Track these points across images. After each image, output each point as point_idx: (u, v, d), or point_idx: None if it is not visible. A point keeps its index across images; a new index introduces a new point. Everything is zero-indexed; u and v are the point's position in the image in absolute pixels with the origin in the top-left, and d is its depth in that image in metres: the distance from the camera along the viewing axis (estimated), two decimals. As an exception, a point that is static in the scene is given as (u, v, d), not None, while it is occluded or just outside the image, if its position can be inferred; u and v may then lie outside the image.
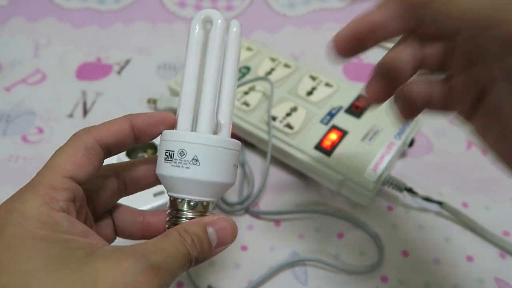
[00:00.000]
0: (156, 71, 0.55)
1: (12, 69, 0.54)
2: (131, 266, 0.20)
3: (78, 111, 0.50)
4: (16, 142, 0.46)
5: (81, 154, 0.23)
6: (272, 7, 0.65)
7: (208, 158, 0.25)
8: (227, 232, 0.25)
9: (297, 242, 0.39)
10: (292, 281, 0.37)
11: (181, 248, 0.22)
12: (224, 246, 0.25)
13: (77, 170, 0.23)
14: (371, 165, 0.39)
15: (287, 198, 0.42)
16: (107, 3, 0.64)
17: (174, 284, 0.36)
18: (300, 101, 0.45)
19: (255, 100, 0.45)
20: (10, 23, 0.60)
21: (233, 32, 0.27)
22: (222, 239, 0.25)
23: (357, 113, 0.43)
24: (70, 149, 0.23)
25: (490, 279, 0.36)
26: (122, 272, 0.20)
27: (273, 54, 0.50)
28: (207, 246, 0.24)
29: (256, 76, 0.47)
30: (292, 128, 0.42)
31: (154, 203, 0.38)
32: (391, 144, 0.41)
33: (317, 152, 0.40)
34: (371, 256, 0.38)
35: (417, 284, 0.36)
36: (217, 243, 0.25)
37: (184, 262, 0.22)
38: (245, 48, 0.51)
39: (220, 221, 0.25)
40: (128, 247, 0.21)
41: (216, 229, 0.24)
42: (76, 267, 0.20)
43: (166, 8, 0.64)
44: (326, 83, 0.47)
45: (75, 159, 0.23)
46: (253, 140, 0.44)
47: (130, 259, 0.20)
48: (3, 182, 0.42)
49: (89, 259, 0.20)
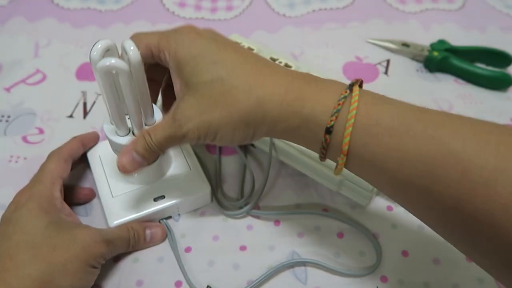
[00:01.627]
0: (156, 71, 0.55)
1: (12, 69, 0.54)
2: (96, 235, 0.34)
3: (79, 111, 0.50)
4: (17, 143, 0.46)
5: (64, 162, 0.38)
6: (272, 7, 0.65)
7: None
8: (158, 235, 0.38)
9: (296, 242, 0.39)
10: (292, 280, 0.37)
11: (126, 236, 0.36)
12: (154, 243, 0.38)
13: (62, 172, 0.38)
14: None
15: (287, 198, 0.42)
16: (107, 3, 0.64)
17: (173, 283, 0.36)
18: None
19: None
20: (10, 23, 0.60)
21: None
22: (153, 239, 0.38)
23: None
24: (56, 159, 0.38)
25: (490, 279, 0.36)
26: (90, 237, 0.34)
27: (273, 54, 0.50)
28: (142, 240, 0.38)
29: None
30: None
31: (154, 207, 0.38)
32: None
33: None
34: (371, 256, 0.38)
35: (417, 284, 0.36)
36: (150, 240, 0.38)
37: (126, 244, 0.36)
38: (246, 48, 0.51)
39: (155, 227, 0.39)
40: (95, 228, 0.35)
41: (151, 231, 0.38)
42: (66, 230, 0.34)
43: (166, 8, 0.64)
44: None
45: (62, 165, 0.38)
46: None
47: (96, 232, 0.34)
48: (3, 182, 0.42)
49: (73, 227, 0.35)
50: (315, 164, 0.40)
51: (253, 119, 0.30)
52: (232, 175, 0.44)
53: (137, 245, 0.37)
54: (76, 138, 0.42)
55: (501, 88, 0.54)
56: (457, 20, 0.63)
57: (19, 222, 0.33)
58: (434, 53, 0.55)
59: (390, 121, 0.26)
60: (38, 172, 0.38)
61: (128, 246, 0.37)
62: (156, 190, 0.39)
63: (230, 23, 0.62)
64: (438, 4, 0.66)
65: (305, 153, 0.40)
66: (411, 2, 0.66)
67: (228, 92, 0.30)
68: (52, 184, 0.36)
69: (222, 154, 0.45)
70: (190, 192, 0.40)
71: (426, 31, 0.62)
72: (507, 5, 0.66)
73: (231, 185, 0.43)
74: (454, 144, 0.24)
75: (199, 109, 0.30)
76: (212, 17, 0.63)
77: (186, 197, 0.39)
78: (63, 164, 0.38)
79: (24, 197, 0.35)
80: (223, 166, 0.45)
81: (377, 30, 0.61)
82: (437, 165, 0.24)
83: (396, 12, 0.65)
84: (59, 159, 0.38)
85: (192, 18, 0.63)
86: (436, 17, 0.64)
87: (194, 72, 0.31)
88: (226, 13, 0.64)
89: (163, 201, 0.39)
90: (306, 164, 0.40)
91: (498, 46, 0.56)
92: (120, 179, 0.40)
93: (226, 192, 0.42)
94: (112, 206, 0.38)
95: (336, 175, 0.30)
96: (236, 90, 0.29)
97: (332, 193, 0.42)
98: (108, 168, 0.41)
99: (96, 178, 0.40)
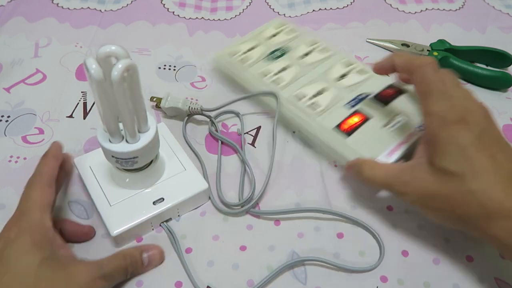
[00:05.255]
0: (156, 71, 0.55)
1: (12, 69, 0.54)
2: (93, 271, 0.32)
3: (79, 111, 0.50)
4: (17, 143, 0.46)
5: (48, 187, 0.35)
6: (272, 7, 0.65)
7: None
8: (156, 257, 0.37)
9: (296, 242, 0.39)
10: (292, 280, 0.37)
11: (123, 265, 0.34)
12: (153, 266, 0.37)
13: (49, 198, 0.35)
14: (386, 150, 0.40)
15: (287, 198, 0.42)
16: (107, 3, 0.64)
17: (173, 284, 0.36)
18: (330, 83, 0.47)
19: (287, 79, 0.48)
20: (10, 23, 0.60)
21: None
22: (151, 262, 0.36)
23: (384, 101, 0.45)
24: (39, 186, 0.35)
25: (490, 279, 0.36)
26: (87, 274, 0.32)
27: (312, 39, 0.53)
28: (140, 265, 0.36)
29: (291, 57, 0.51)
30: (317, 108, 0.45)
31: (155, 211, 0.38)
32: (411, 134, 0.42)
33: (336, 132, 0.43)
34: (370, 256, 0.38)
35: (417, 284, 0.36)
36: (148, 264, 0.36)
37: (124, 274, 0.34)
38: (288, 29, 0.54)
39: (152, 248, 0.37)
40: (92, 260, 0.34)
41: (149, 254, 0.36)
42: (61, 268, 0.31)
43: (166, 8, 0.64)
44: (360, 70, 0.48)
45: (47, 191, 0.35)
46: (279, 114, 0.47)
47: (92, 268, 0.32)
48: (3, 183, 0.42)
49: (68, 263, 0.32)
50: (332, 143, 0.42)
51: (468, 225, 0.32)
52: (232, 175, 0.44)
53: (136, 271, 0.36)
54: (48, 156, 0.38)
55: (501, 88, 0.54)
56: (457, 20, 0.64)
57: (9, 261, 0.30)
58: (434, 53, 0.55)
59: None
60: (23, 203, 0.34)
61: (126, 275, 0.35)
62: (154, 193, 0.39)
63: (230, 23, 0.62)
64: (438, 4, 0.66)
65: (324, 132, 0.43)
66: (411, 2, 0.66)
67: (462, 193, 0.32)
68: (41, 214, 0.33)
69: (222, 154, 0.45)
70: (188, 191, 0.40)
71: (426, 31, 0.62)
72: (507, 5, 0.66)
73: (231, 185, 0.43)
74: None
75: (427, 182, 0.33)
76: (212, 17, 0.63)
77: (185, 197, 0.39)
78: (48, 189, 0.35)
79: (13, 232, 0.32)
80: (223, 166, 0.45)
81: (377, 30, 0.61)
82: None
83: (396, 12, 0.65)
84: (42, 185, 0.35)
85: (192, 18, 0.63)
86: (436, 17, 0.64)
87: (444, 153, 0.33)
88: (226, 13, 0.64)
89: (163, 204, 0.39)
90: (324, 142, 0.43)
91: (498, 46, 0.56)
92: (115, 186, 0.40)
93: (226, 192, 0.42)
94: (112, 215, 0.38)
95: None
96: (471, 195, 0.31)
97: (332, 193, 0.42)
98: (101, 177, 0.40)
99: (90, 189, 0.40)
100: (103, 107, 0.32)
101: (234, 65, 0.51)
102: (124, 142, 0.35)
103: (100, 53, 0.31)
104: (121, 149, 0.35)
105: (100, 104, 0.32)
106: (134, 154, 0.35)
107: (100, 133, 0.36)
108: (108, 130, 0.35)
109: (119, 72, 0.30)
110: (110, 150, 0.35)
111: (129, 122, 0.34)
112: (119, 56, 0.31)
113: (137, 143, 0.35)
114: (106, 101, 0.32)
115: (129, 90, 0.32)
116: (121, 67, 0.30)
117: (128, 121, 0.34)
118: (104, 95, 0.31)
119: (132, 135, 0.35)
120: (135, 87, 0.33)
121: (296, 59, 0.50)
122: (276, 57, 0.51)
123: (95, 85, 0.30)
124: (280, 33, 0.54)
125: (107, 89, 0.31)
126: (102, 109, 0.33)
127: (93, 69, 0.30)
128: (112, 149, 0.35)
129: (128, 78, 0.31)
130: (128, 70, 0.31)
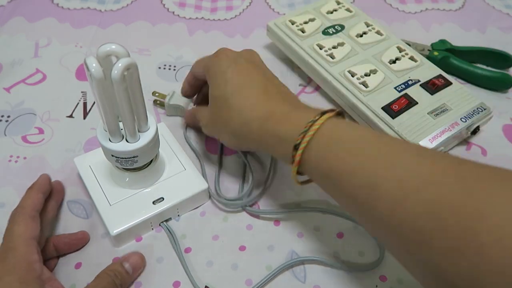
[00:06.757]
0: (156, 71, 0.55)
1: (12, 69, 0.54)
2: None
3: (79, 111, 0.50)
4: (16, 142, 0.46)
5: (31, 221, 0.34)
6: (272, 7, 0.65)
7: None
8: (138, 262, 0.36)
9: (296, 242, 0.39)
10: (291, 279, 0.37)
11: (109, 282, 0.34)
12: (139, 271, 0.37)
13: (33, 232, 0.34)
14: (429, 136, 0.42)
15: (287, 198, 0.42)
16: (107, 3, 0.64)
17: (171, 284, 0.36)
18: (381, 66, 0.49)
19: (340, 55, 0.50)
20: (10, 23, 0.60)
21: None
22: (135, 268, 0.36)
23: (432, 89, 0.46)
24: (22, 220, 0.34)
25: (490, 279, 0.36)
26: None
27: (369, 20, 0.54)
28: (126, 275, 0.35)
29: (346, 35, 0.53)
30: (367, 87, 0.46)
31: (154, 211, 0.38)
32: (455, 124, 0.44)
33: (383, 112, 0.44)
34: (370, 256, 0.38)
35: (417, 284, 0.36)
36: (133, 271, 0.36)
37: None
38: (344, 8, 0.56)
39: (132, 256, 0.37)
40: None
41: (130, 262, 0.36)
42: None
43: (166, 8, 0.64)
44: (411, 57, 0.50)
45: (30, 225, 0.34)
46: (327, 89, 0.50)
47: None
48: (3, 183, 0.42)
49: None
50: (379, 122, 0.44)
51: (240, 136, 0.37)
52: (232, 175, 0.44)
53: (124, 282, 0.35)
54: (33, 189, 0.37)
55: (502, 89, 0.54)
56: (457, 20, 0.64)
57: None
58: (435, 53, 0.55)
59: (348, 142, 0.31)
60: (7, 238, 0.33)
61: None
62: (154, 193, 0.39)
63: (230, 23, 0.62)
64: (438, 4, 0.66)
65: (372, 110, 0.45)
66: (411, 2, 0.66)
67: (227, 109, 0.37)
68: (27, 248, 0.32)
69: (222, 154, 0.45)
70: (188, 191, 0.40)
71: (426, 31, 0.62)
72: (507, 5, 0.66)
73: (231, 185, 0.43)
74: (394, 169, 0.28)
75: (210, 118, 0.40)
76: (212, 17, 0.63)
77: (185, 197, 0.39)
78: (31, 223, 0.34)
79: (0, 270, 0.31)
80: (223, 166, 0.45)
81: (377, 30, 0.61)
82: (378, 183, 0.28)
83: (396, 12, 0.65)
84: (25, 218, 0.34)
85: (192, 18, 0.63)
86: (436, 17, 0.64)
87: (212, 86, 0.38)
88: (226, 13, 0.64)
89: (163, 203, 0.39)
90: (371, 120, 0.45)
91: (498, 46, 0.56)
92: (115, 186, 0.40)
93: (226, 191, 0.42)
94: (111, 214, 0.38)
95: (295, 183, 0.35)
96: (232, 110, 0.36)
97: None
98: (101, 176, 0.40)
99: (90, 188, 0.40)
100: (103, 106, 0.32)
101: (293, 33, 0.52)
102: (124, 142, 0.35)
103: (100, 52, 0.31)
104: (121, 148, 0.35)
105: (100, 103, 0.32)
106: (134, 154, 0.35)
107: (100, 132, 0.36)
108: (108, 129, 0.35)
109: (119, 70, 0.30)
110: (110, 149, 0.35)
111: (129, 121, 0.34)
112: (119, 55, 0.31)
113: (137, 142, 0.35)
114: (106, 100, 0.32)
115: (129, 89, 0.32)
116: (121, 66, 0.30)
117: (128, 120, 0.34)
118: (104, 94, 0.31)
119: (132, 135, 0.35)
120: (135, 86, 0.33)
121: (351, 37, 0.52)
122: (332, 33, 0.53)
123: (95, 84, 0.30)
124: (338, 10, 0.56)
125: (108, 88, 0.31)
126: (102, 108, 0.33)
127: (93, 68, 0.30)
128: (112, 148, 0.35)
129: (128, 77, 0.31)
130: (128, 69, 0.31)
